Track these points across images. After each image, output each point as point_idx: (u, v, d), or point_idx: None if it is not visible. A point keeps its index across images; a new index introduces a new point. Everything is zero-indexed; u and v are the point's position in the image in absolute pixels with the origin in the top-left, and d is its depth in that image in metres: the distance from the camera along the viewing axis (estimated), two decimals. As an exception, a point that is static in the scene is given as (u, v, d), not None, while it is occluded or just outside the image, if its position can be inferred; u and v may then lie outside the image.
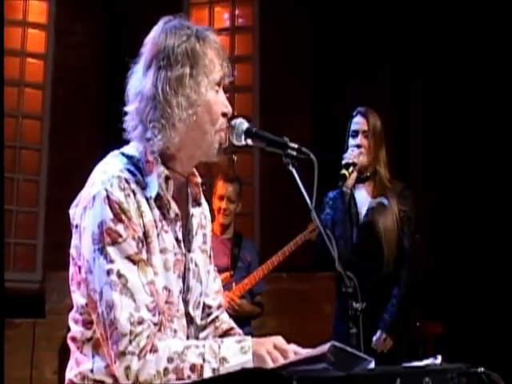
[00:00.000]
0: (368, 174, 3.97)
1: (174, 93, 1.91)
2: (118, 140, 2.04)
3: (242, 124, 2.03)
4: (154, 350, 1.78)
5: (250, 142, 2.04)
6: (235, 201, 4.95)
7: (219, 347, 1.79)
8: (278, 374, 1.29)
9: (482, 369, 1.92)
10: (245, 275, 4.86)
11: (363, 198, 3.97)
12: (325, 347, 1.50)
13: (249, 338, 1.82)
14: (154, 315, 1.84)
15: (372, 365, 1.65)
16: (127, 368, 1.77)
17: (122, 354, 1.77)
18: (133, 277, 1.82)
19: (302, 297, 6.08)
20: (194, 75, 1.93)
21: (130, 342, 1.77)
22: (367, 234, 3.88)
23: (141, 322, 1.79)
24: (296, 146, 2.00)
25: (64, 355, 2.06)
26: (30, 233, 6.81)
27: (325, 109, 6.80)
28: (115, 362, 1.79)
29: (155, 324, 1.83)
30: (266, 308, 5.13)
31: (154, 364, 1.77)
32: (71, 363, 1.96)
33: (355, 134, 3.96)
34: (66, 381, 1.95)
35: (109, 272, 1.80)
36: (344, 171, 3.80)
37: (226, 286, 4.53)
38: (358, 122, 3.98)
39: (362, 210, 3.94)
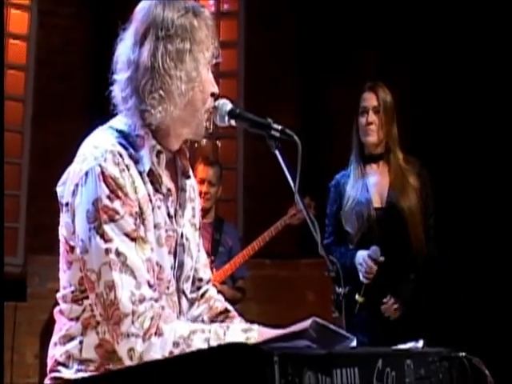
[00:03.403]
0: (380, 152, 3.77)
1: (174, 66, 1.88)
2: (102, 124, 1.99)
3: (226, 105, 2.02)
4: (159, 333, 1.75)
5: (233, 122, 2.03)
6: (216, 184, 4.93)
7: (224, 334, 1.75)
8: (259, 350, 1.28)
9: (464, 353, 1.93)
10: (226, 260, 4.85)
11: (379, 180, 3.77)
12: (307, 323, 1.51)
13: (256, 327, 1.78)
14: (154, 291, 1.81)
15: (354, 343, 1.66)
16: (131, 350, 1.74)
17: (125, 335, 1.74)
18: (132, 254, 1.78)
19: (285, 283, 6.09)
20: (192, 51, 1.90)
21: (133, 322, 1.74)
22: (390, 216, 3.69)
23: (142, 300, 1.76)
24: (279, 127, 1.99)
25: (45, 339, 2.02)
26: (11, 216, 6.73)
27: (309, 96, 6.79)
28: (117, 343, 1.76)
29: (156, 300, 1.80)
30: (249, 294, 5.13)
31: (159, 347, 1.73)
32: (56, 339, 1.91)
33: (364, 111, 3.75)
34: (50, 356, 1.91)
35: (107, 251, 1.76)
36: (357, 297, 3.58)
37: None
38: (366, 98, 3.77)
39: (383, 192, 3.74)
